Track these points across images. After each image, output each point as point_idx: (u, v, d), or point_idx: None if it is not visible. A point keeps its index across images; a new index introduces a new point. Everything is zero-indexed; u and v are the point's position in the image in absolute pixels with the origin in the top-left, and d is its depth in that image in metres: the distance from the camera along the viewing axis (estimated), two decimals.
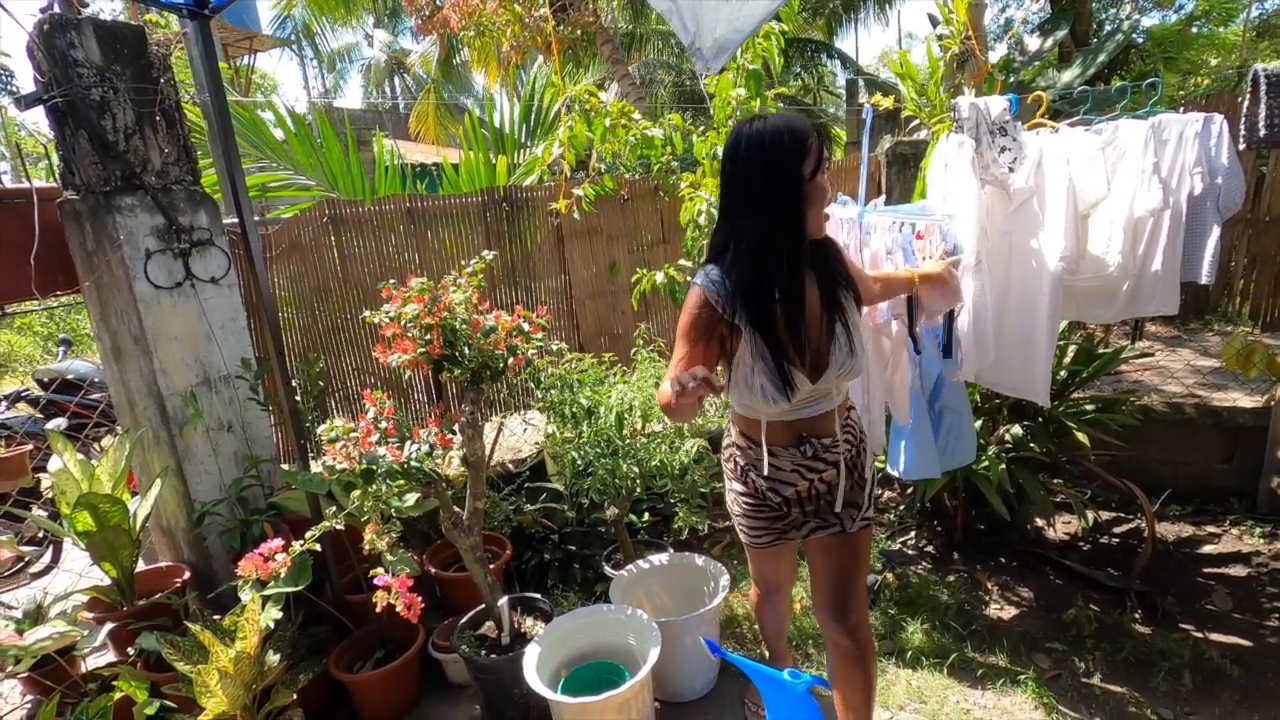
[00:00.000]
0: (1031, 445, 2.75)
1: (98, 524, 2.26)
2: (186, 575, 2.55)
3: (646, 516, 3.21)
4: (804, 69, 11.76)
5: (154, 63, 2.44)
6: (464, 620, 2.41)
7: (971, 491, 2.89)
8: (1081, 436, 2.72)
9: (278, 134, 4.25)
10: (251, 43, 11.81)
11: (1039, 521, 3.23)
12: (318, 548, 2.04)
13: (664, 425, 2.67)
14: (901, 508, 3.41)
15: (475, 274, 2.32)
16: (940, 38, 2.77)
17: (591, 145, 3.07)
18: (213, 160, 3.51)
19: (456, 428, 2.27)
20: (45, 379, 3.30)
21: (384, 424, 2.20)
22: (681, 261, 2.98)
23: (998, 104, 2.14)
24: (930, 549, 3.11)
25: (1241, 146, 2.28)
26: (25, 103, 2.36)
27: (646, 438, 2.63)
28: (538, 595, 2.52)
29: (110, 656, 2.41)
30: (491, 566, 2.48)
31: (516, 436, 3.66)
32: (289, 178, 4.11)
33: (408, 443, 2.20)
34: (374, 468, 2.09)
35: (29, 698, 2.36)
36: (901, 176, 3.51)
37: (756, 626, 2.64)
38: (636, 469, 2.51)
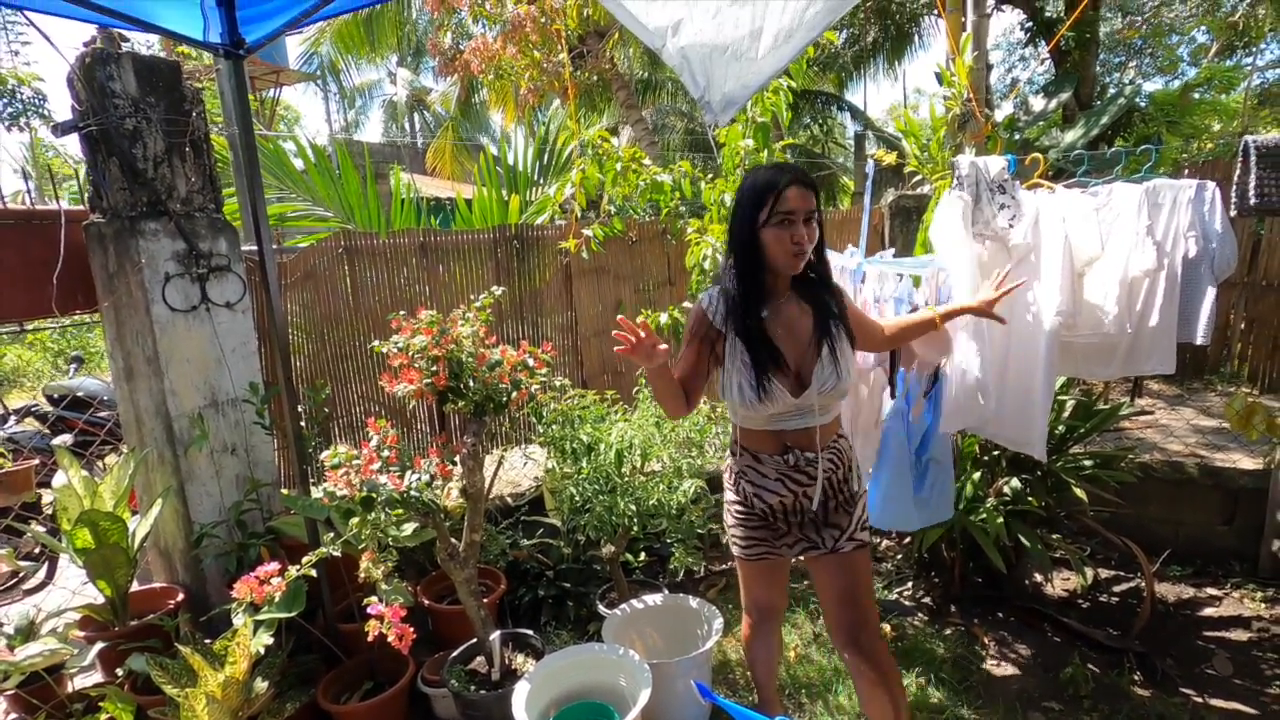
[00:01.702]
0: (1030, 499, 2.75)
1: (97, 542, 2.28)
2: (180, 597, 2.55)
3: (643, 556, 3.20)
4: (814, 120, 12.05)
5: (186, 96, 2.55)
6: (455, 654, 2.39)
7: (969, 544, 2.88)
8: (1079, 492, 2.72)
9: (298, 164, 4.38)
10: (278, 77, 12.20)
11: (1038, 577, 3.20)
12: (313, 573, 2.05)
13: (663, 465, 2.69)
14: (899, 557, 3.38)
15: (483, 309, 2.37)
16: (943, 98, 2.87)
17: (603, 187, 3.16)
18: (235, 189, 3.64)
19: (458, 459, 2.30)
20: (55, 395, 3.35)
21: (386, 452, 2.22)
22: (685, 304, 3.04)
23: (996, 163, 2.22)
24: (927, 600, 3.08)
25: (1233, 214, 2.34)
26: (62, 129, 2.46)
27: (645, 476, 2.64)
28: (530, 631, 2.50)
29: (98, 677, 2.40)
30: (485, 601, 2.47)
31: (516, 470, 3.68)
32: (307, 208, 4.22)
33: (409, 472, 2.22)
34: (374, 495, 2.11)
35: (13, 716, 2.34)
36: (905, 229, 3.59)
37: (749, 672, 2.61)
38: (634, 507, 2.52)
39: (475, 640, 2.39)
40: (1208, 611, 2.98)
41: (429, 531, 2.37)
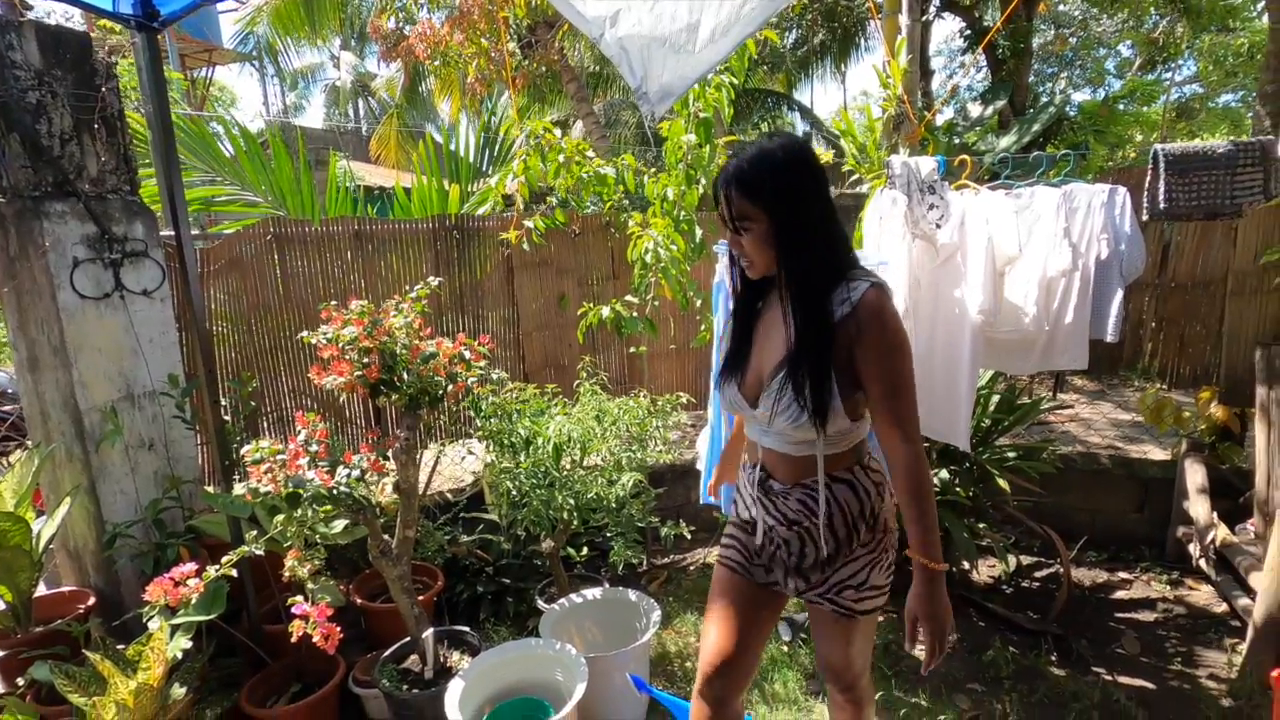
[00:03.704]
0: (957, 489, 2.85)
1: None
2: (91, 601, 2.41)
3: (585, 551, 3.19)
4: (763, 118, 12.20)
5: (98, 69, 2.40)
6: (387, 654, 2.34)
7: (900, 533, 2.97)
8: (1003, 483, 2.83)
9: (227, 148, 4.19)
10: (210, 55, 11.65)
11: (964, 564, 3.33)
12: (234, 574, 1.96)
13: (603, 459, 2.68)
14: None
15: (419, 299, 2.32)
16: (880, 100, 2.94)
17: (546, 179, 3.13)
18: (154, 170, 3.44)
19: (390, 454, 2.24)
20: None
21: (315, 447, 2.15)
22: (629, 298, 3.03)
23: (927, 164, 2.28)
24: None
25: (1145, 218, 2.47)
26: None
27: (585, 470, 2.63)
28: (466, 629, 2.47)
29: None
30: (422, 598, 2.42)
31: (456, 465, 3.61)
32: (235, 193, 4.04)
33: (339, 467, 2.16)
34: (300, 491, 2.03)
35: None
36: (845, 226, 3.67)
37: (686, 664, 2.64)
38: (573, 501, 2.51)
39: (409, 639, 2.34)
40: (1119, 594, 3.15)
41: (361, 529, 2.30)
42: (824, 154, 2.78)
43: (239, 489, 2.18)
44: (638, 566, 3.34)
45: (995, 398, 3.05)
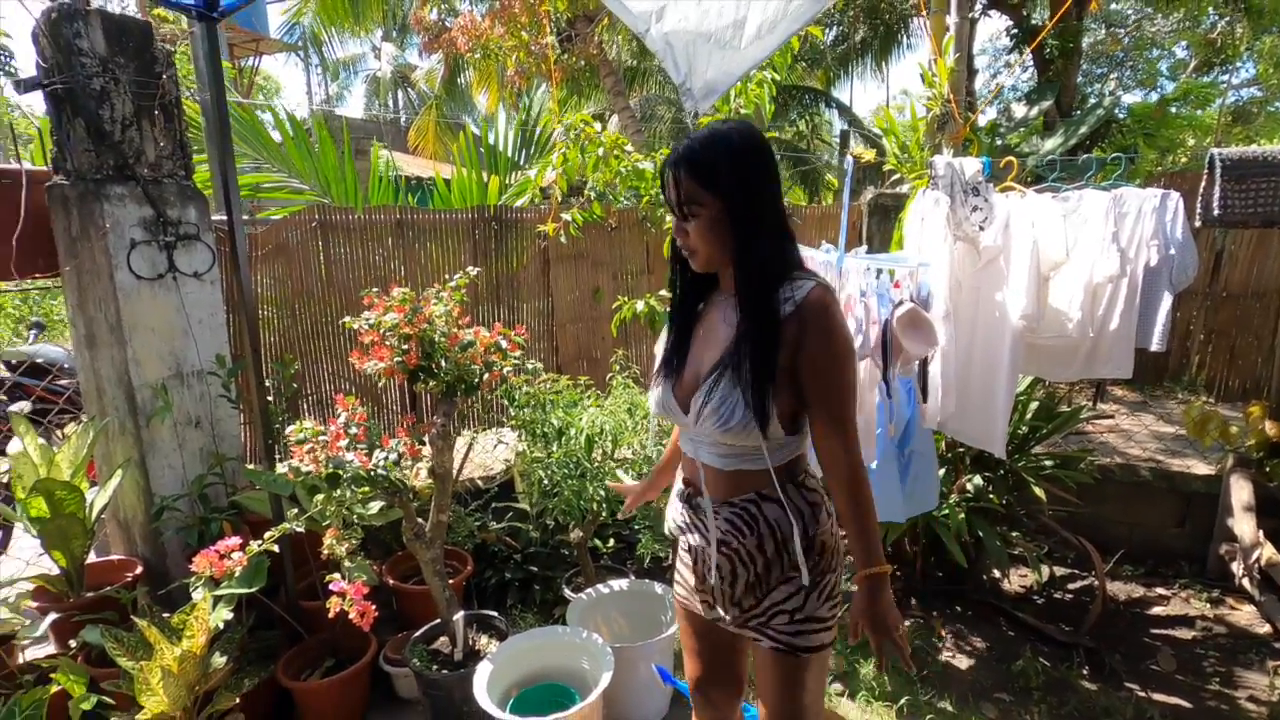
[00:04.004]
0: (991, 496, 2.81)
1: (52, 511, 2.23)
2: (139, 570, 2.50)
3: (611, 542, 3.22)
4: (801, 116, 12.08)
5: (158, 58, 2.48)
6: (418, 634, 2.39)
7: (932, 538, 2.94)
8: (1039, 491, 2.79)
9: (275, 136, 4.29)
10: (258, 45, 11.90)
11: (996, 573, 3.28)
12: (276, 549, 2.03)
13: (634, 452, 2.70)
14: None
15: (458, 288, 2.36)
16: (924, 99, 2.90)
17: (584, 172, 3.15)
18: (207, 157, 3.55)
19: (427, 439, 2.29)
20: (13, 361, 3.26)
21: (354, 430, 2.21)
22: (662, 292, 3.04)
23: (972, 165, 2.25)
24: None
25: (1197, 224, 2.40)
26: (25, 86, 2.38)
27: (616, 462, 2.65)
28: (494, 613, 2.51)
29: (51, 648, 2.36)
30: (451, 582, 2.47)
31: (487, 453, 3.66)
32: (283, 180, 4.14)
33: (376, 450, 2.21)
34: (340, 472, 2.09)
35: None
36: (882, 226, 3.63)
37: None
38: (603, 493, 2.53)
39: (439, 620, 2.39)
40: (1156, 610, 3.08)
41: (395, 511, 2.36)
42: (865, 153, 2.74)
43: (281, 468, 2.25)
44: (664, 560, 3.35)
45: (1034, 404, 2.99)
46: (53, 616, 2.24)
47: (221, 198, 2.30)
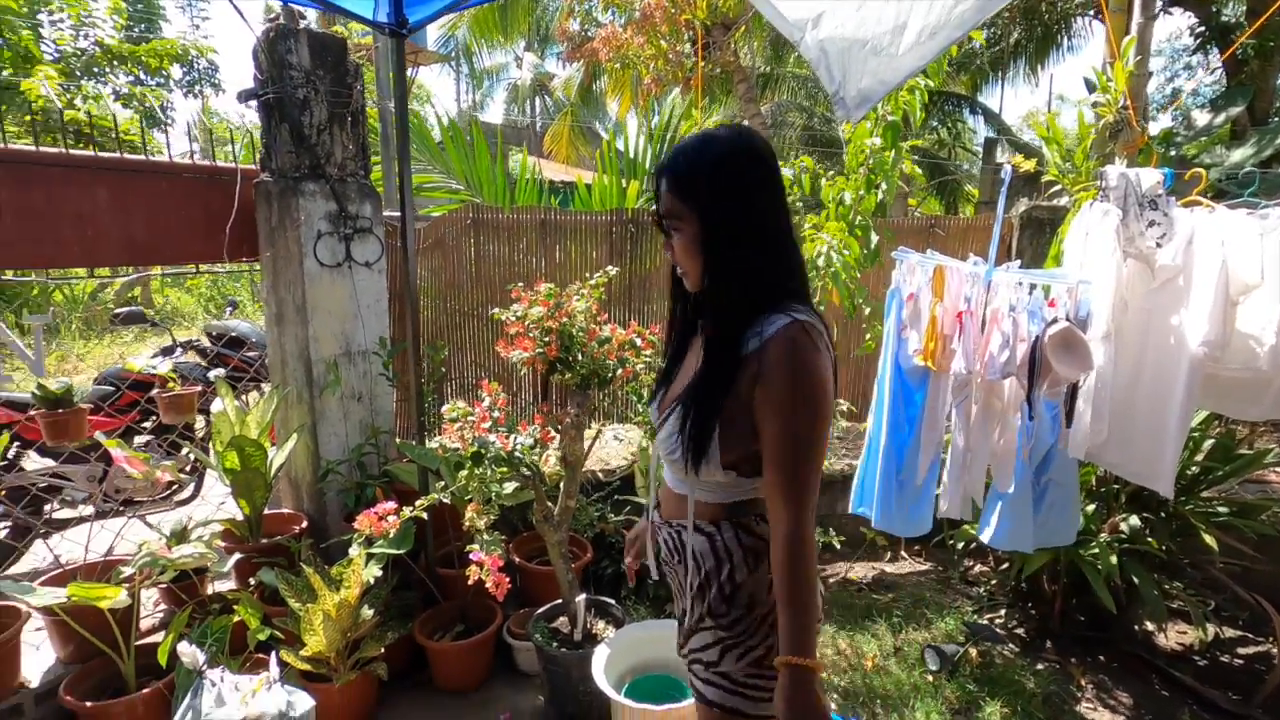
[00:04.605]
0: (1149, 540, 2.56)
1: (242, 465, 2.56)
2: (304, 524, 2.81)
3: None
4: (941, 123, 11.49)
5: (350, 70, 2.78)
6: (540, 611, 2.52)
7: (1075, 578, 2.72)
8: (1210, 539, 2.51)
9: (435, 139, 4.67)
10: (417, 57, 12.90)
11: (1149, 625, 2.98)
12: (425, 516, 2.22)
13: None
14: (993, 583, 3.24)
15: (598, 286, 2.47)
16: (1094, 104, 2.69)
17: None
18: (381, 158, 3.93)
19: (560, 427, 2.41)
20: (215, 333, 3.76)
21: (496, 413, 2.37)
22: None
23: (1150, 176, 2.07)
24: (1020, 631, 2.94)
25: None
26: (244, 96, 2.75)
27: None
28: (611, 600, 2.60)
29: (232, 584, 2.70)
30: (573, 566, 2.58)
31: (608, 448, 3.79)
32: (442, 180, 4.50)
33: (512, 435, 2.36)
34: (483, 452, 2.25)
35: (162, 607, 2.68)
36: (1035, 241, 3.39)
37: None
38: None
39: (561, 601, 2.51)
40: None
41: (527, 492, 2.50)
42: (1025, 163, 2.59)
43: (431, 443, 2.45)
44: None
45: (1208, 442, 2.70)
46: (237, 557, 2.56)
47: (399, 196, 2.53)
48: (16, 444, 2.94)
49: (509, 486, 2.45)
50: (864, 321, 3.13)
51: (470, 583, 2.05)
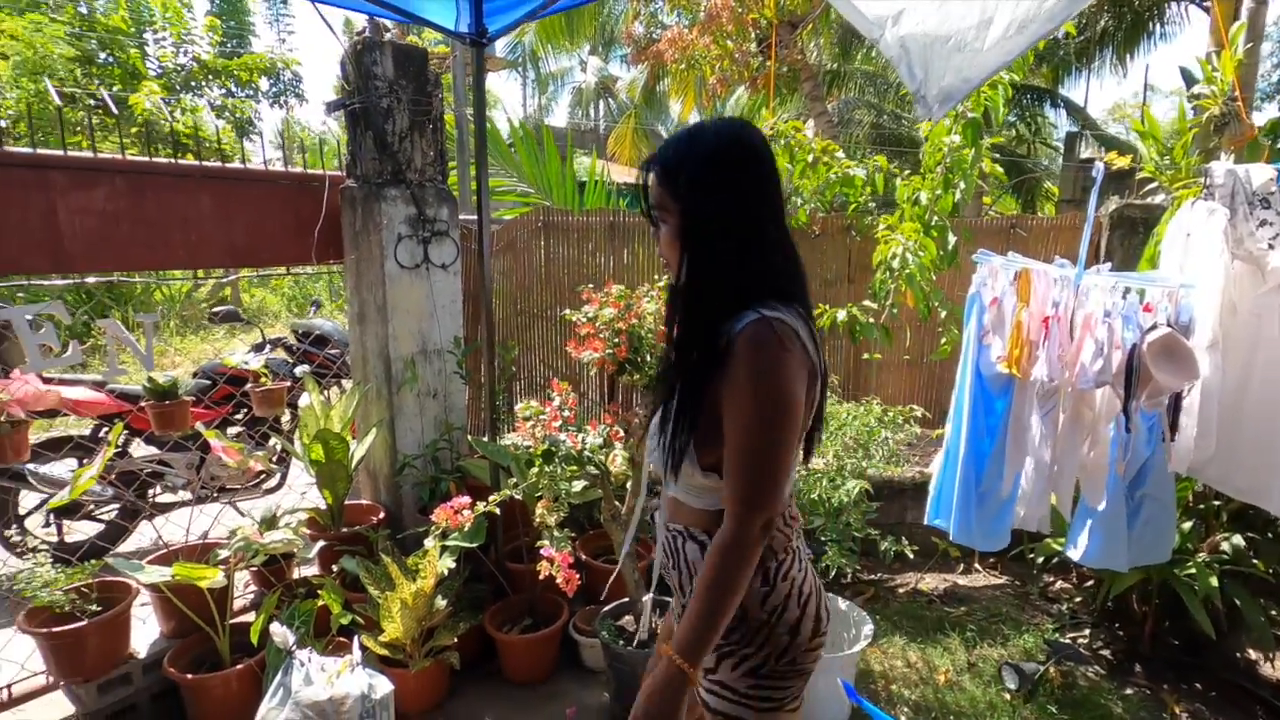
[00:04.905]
0: (1255, 561, 2.39)
1: (326, 456, 2.69)
2: (381, 515, 2.93)
3: None
4: (1019, 118, 11.01)
5: (430, 79, 2.89)
6: (607, 609, 2.55)
7: (1169, 599, 2.57)
8: None
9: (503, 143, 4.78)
10: (486, 64, 13.26)
11: (1252, 653, 2.77)
12: (497, 512, 2.28)
13: (825, 463, 2.66)
14: (1077, 600, 3.08)
15: (666, 288, 2.48)
16: (1196, 96, 2.53)
17: (789, 178, 3.15)
18: (457, 163, 4.07)
19: (629, 427, 2.44)
20: (300, 330, 3.97)
21: (566, 412, 2.41)
22: (865, 302, 2.96)
23: (1262, 173, 1.94)
24: (1106, 653, 2.79)
25: None
26: (331, 107, 2.89)
27: (806, 470, 2.63)
28: None
29: (313, 570, 2.84)
30: (638, 565, 2.60)
31: None
32: (513, 184, 4.62)
33: (582, 434, 2.40)
34: (554, 450, 2.30)
35: (252, 588, 2.84)
36: (1126, 242, 3.21)
37: (892, 687, 2.53)
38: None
39: (627, 599, 2.53)
40: None
41: (595, 491, 2.54)
42: (1119, 159, 2.45)
43: (505, 441, 2.52)
44: (844, 578, 3.26)
45: None
46: (320, 544, 2.69)
47: (477, 201, 2.61)
48: (126, 432, 3.18)
49: (577, 485, 2.49)
50: (939, 324, 3.04)
51: (541, 578, 2.10)
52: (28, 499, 3.29)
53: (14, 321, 2.12)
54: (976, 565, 3.47)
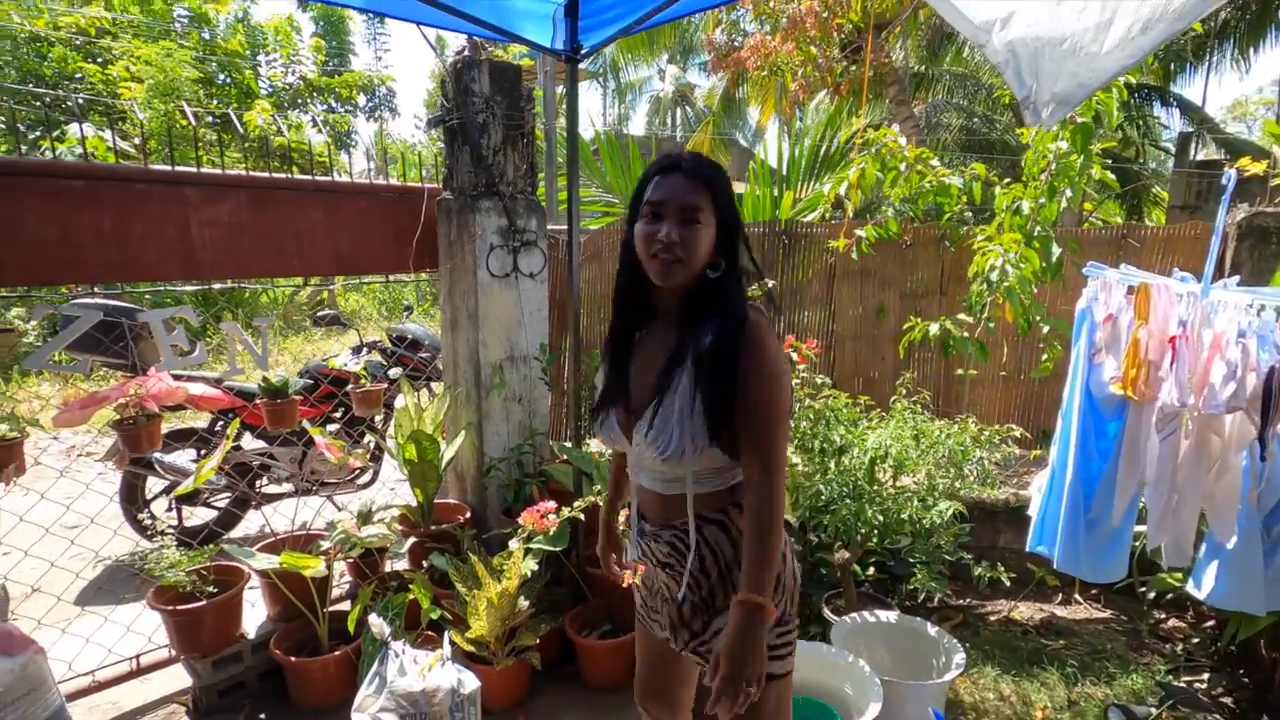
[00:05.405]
0: None
1: (418, 456, 2.81)
2: (468, 515, 3.03)
3: (872, 570, 3.09)
4: (1128, 120, 10.32)
5: (523, 94, 2.98)
6: None
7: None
8: None
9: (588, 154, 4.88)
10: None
11: None
12: (580, 517, 2.32)
13: (916, 481, 2.57)
14: (1194, 641, 2.85)
15: (752, 298, 2.46)
16: None
17: (878, 187, 3.07)
18: (544, 175, 4.18)
19: None
20: (395, 334, 4.17)
21: None
22: (960, 315, 2.85)
23: None
24: (1228, 700, 2.56)
25: None
26: (431, 123, 3.03)
27: (895, 489, 2.55)
28: None
29: (405, 565, 2.96)
30: None
31: None
32: (597, 194, 4.70)
33: None
34: None
35: (347, 579, 3.00)
36: (1257, 254, 2.95)
37: None
38: (881, 518, 2.45)
39: None
40: None
41: None
42: (1255, 165, 2.24)
43: (590, 447, 2.56)
44: (930, 602, 3.13)
45: None
46: (411, 540, 2.81)
47: (560, 211, 2.67)
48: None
49: None
50: (1040, 340, 2.88)
51: (625, 585, 2.11)
52: (152, 485, 3.59)
53: (152, 324, 2.33)
54: (1077, 596, 3.26)
